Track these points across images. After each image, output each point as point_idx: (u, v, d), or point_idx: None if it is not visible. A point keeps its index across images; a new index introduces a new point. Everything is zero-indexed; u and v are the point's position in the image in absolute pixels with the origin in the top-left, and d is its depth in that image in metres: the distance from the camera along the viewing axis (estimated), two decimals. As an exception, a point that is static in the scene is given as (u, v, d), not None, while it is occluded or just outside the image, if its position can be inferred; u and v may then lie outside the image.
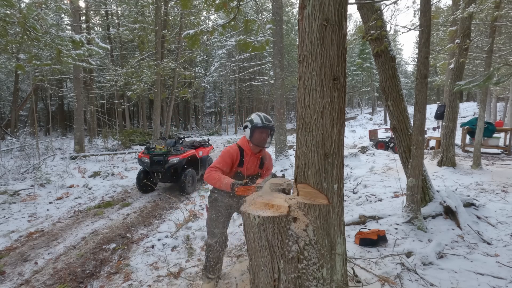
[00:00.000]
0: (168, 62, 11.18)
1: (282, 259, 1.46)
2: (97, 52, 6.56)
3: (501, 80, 4.10)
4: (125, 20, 15.69)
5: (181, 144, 6.28)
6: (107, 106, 19.74)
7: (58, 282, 2.71)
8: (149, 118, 26.40)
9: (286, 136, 8.45)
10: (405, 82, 37.88)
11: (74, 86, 10.58)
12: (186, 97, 16.58)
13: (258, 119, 2.30)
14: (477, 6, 5.48)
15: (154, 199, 5.53)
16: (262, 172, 2.47)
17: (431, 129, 16.56)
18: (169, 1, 12.30)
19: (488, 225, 3.26)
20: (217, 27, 4.23)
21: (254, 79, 18.90)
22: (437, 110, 8.96)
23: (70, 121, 25.23)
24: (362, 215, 3.55)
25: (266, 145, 2.33)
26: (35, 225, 4.19)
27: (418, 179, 3.12)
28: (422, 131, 3.07)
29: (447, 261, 2.55)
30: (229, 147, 2.34)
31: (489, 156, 8.35)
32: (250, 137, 2.30)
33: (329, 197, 1.50)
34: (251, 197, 1.69)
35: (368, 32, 3.36)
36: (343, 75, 1.46)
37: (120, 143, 13.14)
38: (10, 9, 4.90)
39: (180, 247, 3.32)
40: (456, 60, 5.90)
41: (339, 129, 1.50)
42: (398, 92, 3.42)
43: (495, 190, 4.63)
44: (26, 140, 11.49)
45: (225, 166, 2.24)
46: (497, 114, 18.92)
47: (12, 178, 6.41)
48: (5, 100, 25.27)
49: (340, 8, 1.40)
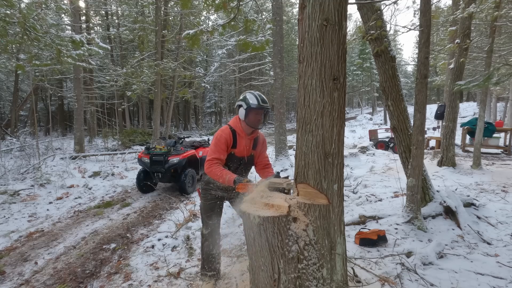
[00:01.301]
0: (168, 62, 11.18)
1: (282, 259, 1.46)
2: (97, 52, 6.56)
3: (501, 80, 4.11)
4: (125, 20, 15.69)
5: (181, 144, 6.28)
6: (107, 106, 19.74)
7: (58, 282, 2.71)
8: (149, 118, 26.38)
9: (286, 136, 8.44)
10: (405, 82, 37.88)
11: (74, 86, 10.58)
12: (186, 97, 16.57)
13: (254, 99, 2.16)
14: (477, 6, 5.48)
15: (154, 199, 5.53)
16: (256, 154, 2.40)
17: (431, 129, 16.55)
18: (169, 1, 12.30)
19: (488, 225, 3.26)
20: (217, 27, 4.23)
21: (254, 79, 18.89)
22: (437, 110, 8.97)
23: (70, 121, 25.22)
24: (362, 215, 3.55)
25: (260, 126, 2.23)
26: (35, 225, 4.19)
27: (418, 179, 3.12)
28: (422, 131, 3.07)
29: (447, 261, 2.55)
30: (220, 131, 2.23)
31: (489, 156, 8.34)
32: (244, 117, 2.18)
33: (329, 197, 1.50)
34: (251, 197, 1.69)
35: (368, 32, 3.36)
36: (343, 75, 1.46)
37: (120, 143, 13.13)
38: (10, 9, 4.90)
39: (180, 247, 3.31)
40: (456, 60, 5.90)
41: (339, 129, 1.50)
42: (398, 92, 3.42)
43: (495, 190, 4.63)
44: (26, 140, 11.49)
45: (222, 154, 2.16)
46: (497, 114, 18.91)
47: (12, 178, 6.41)
48: (5, 100, 25.27)
49: (340, 8, 1.40)
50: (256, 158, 2.43)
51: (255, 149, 2.38)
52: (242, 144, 2.25)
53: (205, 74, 18.22)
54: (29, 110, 20.50)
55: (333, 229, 1.53)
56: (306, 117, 1.50)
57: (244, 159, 2.31)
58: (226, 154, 2.20)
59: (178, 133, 20.80)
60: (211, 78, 22.95)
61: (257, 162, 2.45)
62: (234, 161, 2.27)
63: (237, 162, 2.29)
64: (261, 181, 2.01)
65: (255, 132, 2.33)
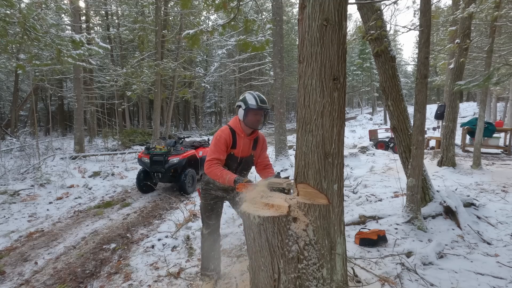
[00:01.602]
0: (168, 62, 11.18)
1: (282, 259, 1.46)
2: (97, 52, 6.56)
3: (501, 80, 4.11)
4: (125, 20, 15.69)
5: (181, 144, 6.28)
6: (107, 106, 19.73)
7: (58, 282, 2.71)
8: (149, 118, 26.38)
9: (286, 136, 8.45)
10: (405, 82, 37.87)
11: (74, 86, 10.58)
12: (186, 97, 16.57)
13: (253, 100, 2.15)
14: (477, 6, 5.48)
15: (154, 199, 5.53)
16: (256, 154, 2.40)
17: (431, 129, 16.55)
18: (169, 1, 12.30)
19: (488, 225, 3.26)
20: (217, 27, 4.24)
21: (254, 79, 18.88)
22: (437, 110, 8.97)
23: (70, 121, 25.22)
24: (362, 215, 3.55)
25: (259, 126, 2.23)
26: (35, 225, 4.19)
27: (418, 179, 3.12)
28: (422, 131, 3.07)
29: (447, 261, 2.55)
30: (220, 131, 2.22)
31: (489, 156, 8.34)
32: (243, 118, 2.18)
33: (329, 197, 1.50)
34: (251, 197, 1.69)
35: (368, 32, 3.36)
36: (343, 75, 1.46)
37: (120, 143, 13.13)
38: (10, 9, 4.90)
39: (180, 247, 3.31)
40: (456, 60, 5.90)
41: (339, 129, 1.50)
42: (398, 92, 3.42)
43: (495, 190, 4.63)
44: (26, 140, 11.49)
45: (221, 154, 2.16)
46: (497, 114, 18.91)
47: (12, 178, 6.41)
48: (5, 100, 25.26)
49: (340, 8, 1.40)
50: (256, 158, 2.43)
51: (255, 150, 2.38)
52: (241, 144, 2.25)
53: (205, 74, 18.22)
54: (29, 110, 20.51)
55: (333, 229, 1.53)
56: (306, 117, 1.50)
57: (244, 160, 2.31)
58: (225, 154, 2.20)
59: (178, 133, 20.81)
60: (211, 78, 22.95)
61: (258, 162, 2.45)
62: (234, 162, 2.27)
63: (237, 162, 2.29)
64: (261, 181, 2.01)
65: (255, 132, 2.33)
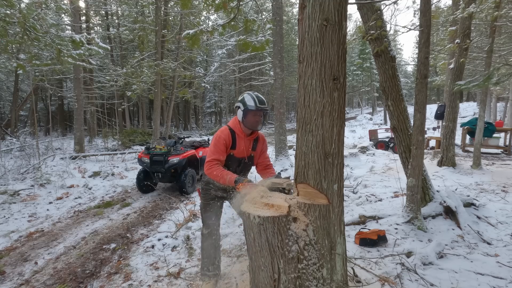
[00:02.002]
0: (168, 62, 11.19)
1: (282, 259, 1.46)
2: (97, 52, 6.55)
3: (501, 80, 4.11)
4: (125, 20, 15.69)
5: (181, 144, 6.28)
6: (107, 106, 19.73)
7: (58, 282, 2.71)
8: (149, 118, 26.38)
9: (286, 136, 8.45)
10: (405, 82, 37.86)
11: (74, 86, 10.58)
12: (186, 97, 16.57)
13: (251, 101, 2.14)
14: (477, 6, 5.48)
15: (154, 199, 5.53)
16: (256, 154, 2.40)
17: (431, 129, 16.55)
18: (169, 1, 12.30)
19: (488, 225, 3.26)
20: (217, 27, 4.23)
21: (254, 79, 18.88)
22: (437, 110, 8.97)
23: (70, 121, 25.21)
24: (362, 215, 3.55)
25: (258, 127, 2.22)
26: (35, 225, 4.19)
27: (418, 179, 3.12)
28: (422, 131, 3.07)
29: (447, 261, 2.55)
30: (219, 132, 2.21)
31: (489, 156, 8.34)
32: (242, 119, 2.18)
33: (329, 197, 1.50)
34: (251, 197, 1.69)
35: (368, 32, 3.36)
36: (343, 75, 1.46)
37: (120, 143, 13.13)
38: (10, 9, 4.90)
39: (180, 247, 3.31)
40: (456, 60, 5.90)
41: (339, 129, 1.50)
42: (398, 92, 3.42)
43: (495, 190, 4.63)
44: (26, 140, 11.49)
45: (221, 155, 2.15)
46: (497, 114, 18.91)
47: (12, 178, 6.41)
48: (5, 100, 25.26)
49: (340, 8, 1.40)
50: (257, 158, 2.42)
51: (255, 150, 2.37)
52: (241, 145, 2.25)
53: (205, 74, 18.23)
54: (29, 110, 20.51)
55: (333, 229, 1.53)
56: (306, 117, 1.50)
57: (243, 160, 2.31)
58: (225, 155, 2.19)
59: (178, 133, 20.80)
60: (211, 78, 22.95)
61: (258, 162, 2.45)
62: (234, 162, 2.27)
63: (236, 162, 2.28)
64: (262, 181, 2.01)
65: (255, 132, 2.32)
